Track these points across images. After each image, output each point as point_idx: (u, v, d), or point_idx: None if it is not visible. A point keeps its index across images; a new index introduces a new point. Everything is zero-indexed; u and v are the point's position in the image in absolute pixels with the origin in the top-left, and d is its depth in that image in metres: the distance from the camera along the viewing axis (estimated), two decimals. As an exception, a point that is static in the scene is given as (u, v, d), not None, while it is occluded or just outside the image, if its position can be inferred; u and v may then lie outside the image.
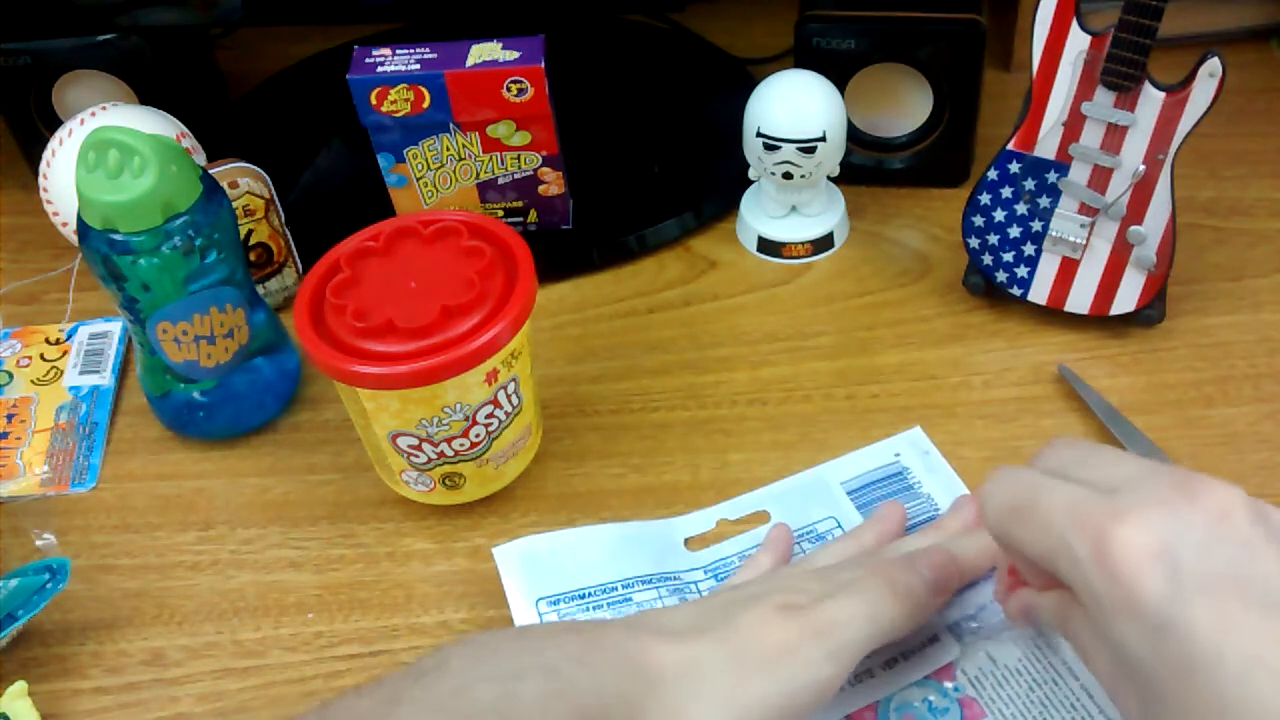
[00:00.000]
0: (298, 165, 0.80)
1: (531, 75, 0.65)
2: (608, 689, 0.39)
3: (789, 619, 0.42)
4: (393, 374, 0.51)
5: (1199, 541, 0.35)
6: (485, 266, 0.53)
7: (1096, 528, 0.36)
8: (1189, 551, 0.35)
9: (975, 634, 0.48)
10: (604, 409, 0.64)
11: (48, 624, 0.56)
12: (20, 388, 0.68)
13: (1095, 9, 0.59)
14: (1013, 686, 0.46)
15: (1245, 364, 0.62)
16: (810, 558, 0.50)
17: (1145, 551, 0.35)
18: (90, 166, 0.54)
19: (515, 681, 0.38)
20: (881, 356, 0.65)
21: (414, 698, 0.38)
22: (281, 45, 0.92)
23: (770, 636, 0.42)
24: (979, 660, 0.47)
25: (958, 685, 0.46)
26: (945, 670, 0.47)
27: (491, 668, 0.39)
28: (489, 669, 0.39)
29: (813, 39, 0.71)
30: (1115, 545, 0.35)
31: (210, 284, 0.58)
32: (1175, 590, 0.34)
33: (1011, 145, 0.62)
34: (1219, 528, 0.35)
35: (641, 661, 0.40)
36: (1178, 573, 0.34)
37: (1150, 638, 0.34)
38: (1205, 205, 0.72)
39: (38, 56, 0.75)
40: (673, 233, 0.74)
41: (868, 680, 0.47)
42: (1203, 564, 0.34)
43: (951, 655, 0.47)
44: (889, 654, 0.47)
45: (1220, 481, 0.36)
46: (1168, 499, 0.36)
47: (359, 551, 0.58)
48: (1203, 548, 0.35)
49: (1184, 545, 0.35)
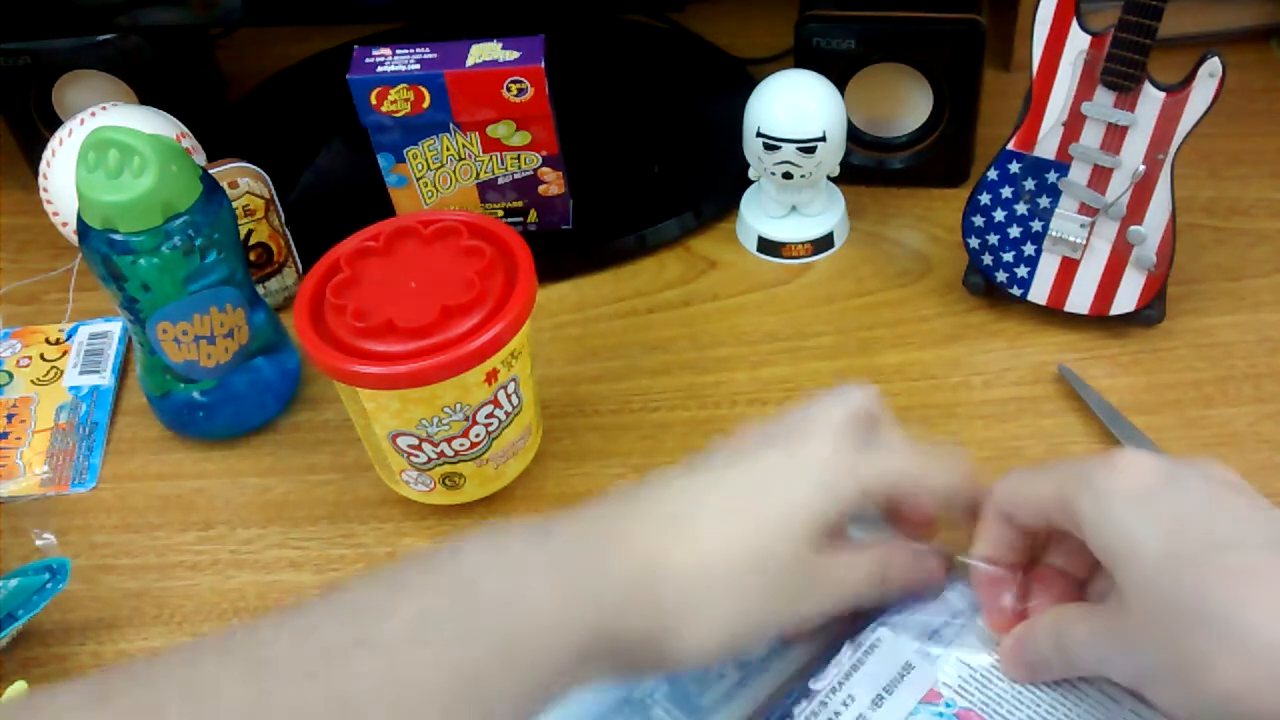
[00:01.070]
0: (298, 165, 0.80)
1: (531, 75, 0.65)
2: (616, 593, 0.40)
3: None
4: (393, 374, 0.51)
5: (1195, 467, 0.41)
6: (485, 266, 0.53)
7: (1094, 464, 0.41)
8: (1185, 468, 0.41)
9: (946, 644, 0.48)
10: (604, 409, 0.64)
11: (48, 624, 0.56)
12: (20, 388, 0.68)
13: (1095, 9, 0.59)
14: (996, 685, 0.46)
15: (1245, 364, 0.62)
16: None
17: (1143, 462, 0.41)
18: (90, 166, 0.54)
19: (523, 574, 0.39)
20: (881, 356, 0.65)
21: (420, 585, 0.38)
22: (281, 45, 0.92)
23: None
24: (956, 669, 0.47)
25: (949, 701, 0.46)
26: (931, 695, 0.47)
27: (503, 559, 0.39)
28: (500, 559, 0.39)
29: (813, 39, 0.71)
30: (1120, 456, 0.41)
31: (210, 284, 0.58)
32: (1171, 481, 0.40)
33: (1011, 145, 0.62)
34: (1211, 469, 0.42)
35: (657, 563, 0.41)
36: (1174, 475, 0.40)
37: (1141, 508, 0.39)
38: (1205, 205, 0.72)
39: (38, 56, 0.75)
40: (673, 233, 0.74)
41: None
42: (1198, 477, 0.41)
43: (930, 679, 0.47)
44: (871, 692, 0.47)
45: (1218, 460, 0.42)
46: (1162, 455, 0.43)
47: (359, 551, 0.58)
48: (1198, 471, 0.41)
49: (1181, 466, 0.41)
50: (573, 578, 0.39)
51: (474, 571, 0.39)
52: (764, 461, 0.45)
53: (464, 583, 0.38)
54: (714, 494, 0.44)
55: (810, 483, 0.44)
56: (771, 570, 0.43)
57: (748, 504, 0.43)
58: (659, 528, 0.42)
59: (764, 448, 0.46)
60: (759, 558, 0.42)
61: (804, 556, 0.43)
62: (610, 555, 0.41)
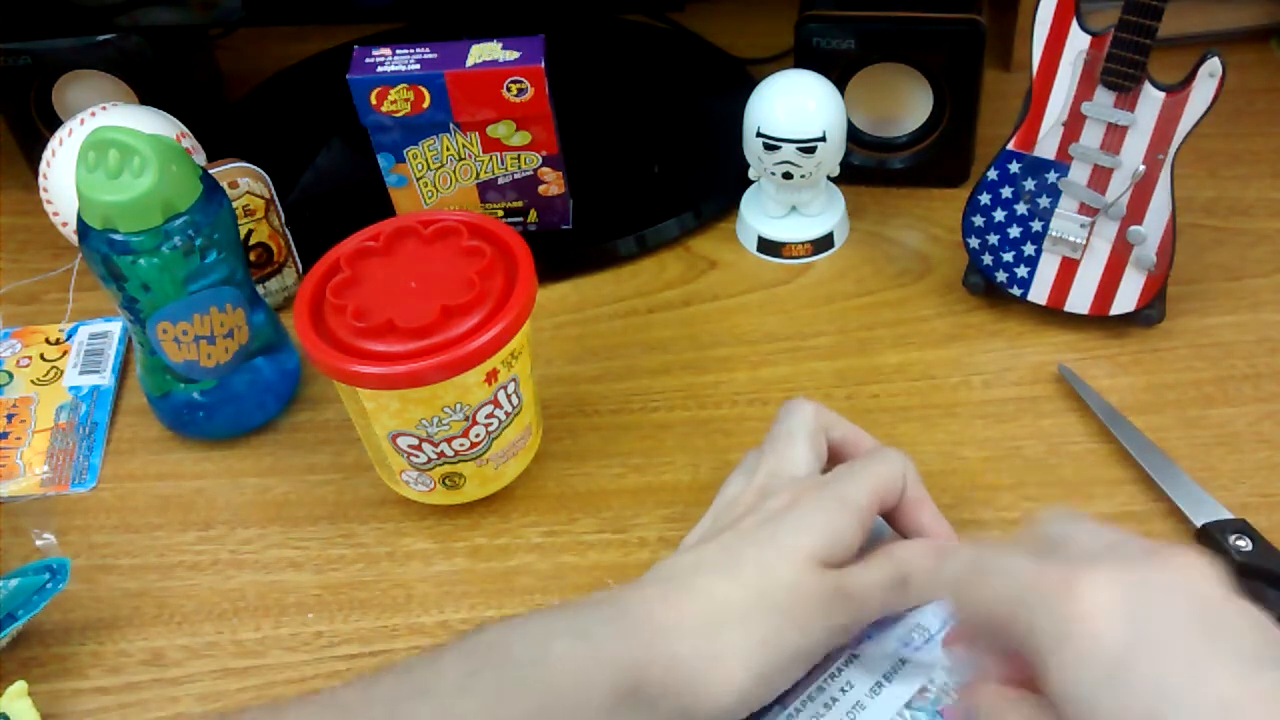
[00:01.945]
0: (298, 165, 0.80)
1: (531, 75, 0.65)
2: (634, 651, 0.42)
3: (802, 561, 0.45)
4: (393, 374, 0.51)
5: (1163, 597, 0.33)
6: (485, 266, 0.53)
7: (1054, 583, 0.34)
8: (1152, 605, 0.33)
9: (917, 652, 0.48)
10: (604, 409, 0.64)
11: (48, 624, 0.56)
12: (20, 388, 0.68)
13: (1095, 9, 0.59)
14: None
15: (1245, 364, 0.62)
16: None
17: (1104, 601, 0.33)
18: (90, 166, 0.54)
19: (549, 640, 0.42)
20: (881, 356, 0.65)
21: (457, 649, 0.42)
22: (281, 45, 0.92)
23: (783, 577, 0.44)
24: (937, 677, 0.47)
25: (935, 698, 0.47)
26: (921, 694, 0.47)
27: (525, 631, 0.43)
28: (524, 631, 0.43)
29: (813, 39, 0.71)
30: (1073, 598, 0.33)
31: (210, 284, 0.58)
32: (1137, 637, 0.32)
33: (1011, 145, 0.62)
34: (1185, 588, 0.34)
35: (667, 620, 0.43)
36: (1140, 622, 0.33)
37: (1110, 686, 0.32)
38: (1205, 205, 0.72)
39: (38, 56, 0.75)
40: (673, 233, 0.74)
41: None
42: (1167, 616, 0.33)
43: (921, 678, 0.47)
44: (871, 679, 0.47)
45: (1186, 548, 0.35)
46: (1131, 560, 0.35)
47: (359, 551, 0.58)
48: (1167, 603, 0.33)
49: (1147, 599, 0.33)
50: (591, 641, 0.42)
51: (501, 639, 0.42)
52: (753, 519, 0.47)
53: (495, 647, 0.42)
54: (711, 553, 0.46)
55: (805, 523, 0.46)
56: (780, 599, 0.44)
57: (748, 553, 0.45)
58: (663, 591, 0.45)
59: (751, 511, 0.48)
60: (764, 591, 0.44)
61: (811, 580, 0.44)
62: (624, 621, 0.43)
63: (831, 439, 0.52)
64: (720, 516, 0.50)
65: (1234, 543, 0.52)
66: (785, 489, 0.48)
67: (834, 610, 0.45)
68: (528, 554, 0.57)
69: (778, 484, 0.49)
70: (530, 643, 0.42)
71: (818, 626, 0.44)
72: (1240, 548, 0.52)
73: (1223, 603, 0.34)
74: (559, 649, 0.41)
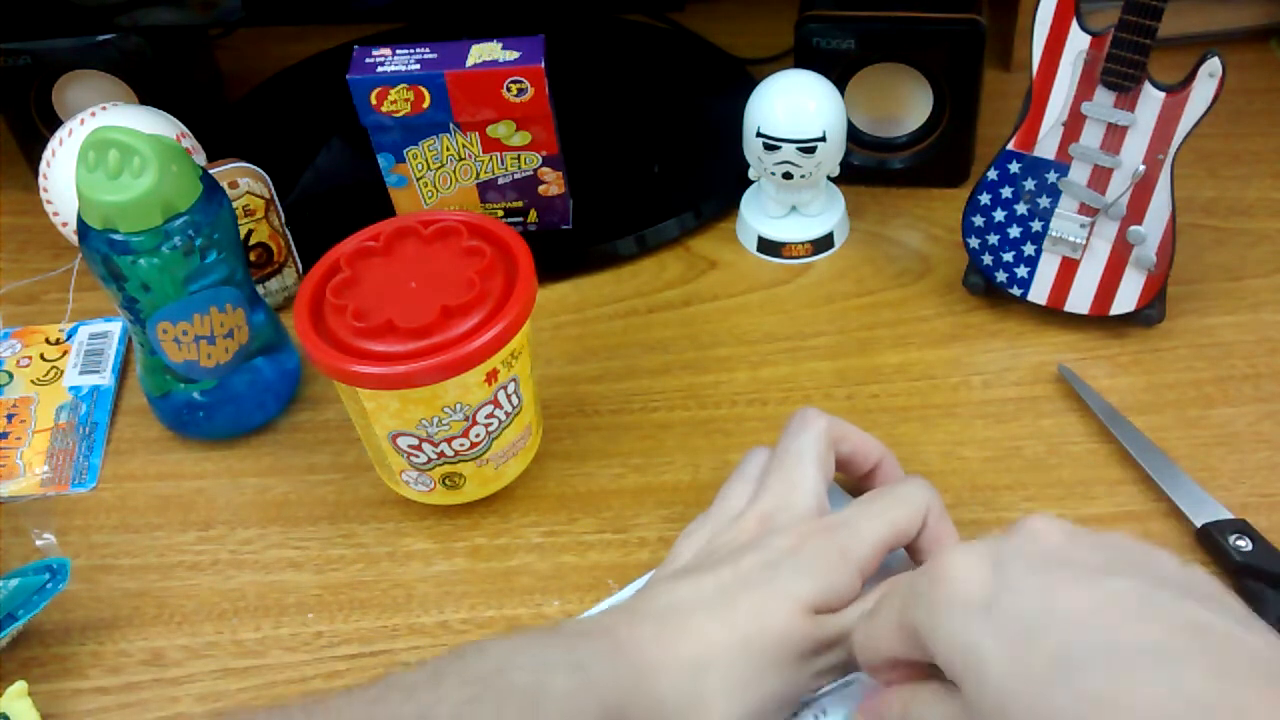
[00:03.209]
0: (298, 165, 0.80)
1: (531, 75, 0.65)
2: (626, 684, 0.42)
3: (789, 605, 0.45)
4: (393, 374, 0.51)
5: (1014, 553, 0.38)
6: (485, 266, 0.53)
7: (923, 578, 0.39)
8: (1007, 555, 0.38)
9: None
10: (604, 409, 0.64)
11: (48, 624, 0.56)
12: (20, 388, 0.68)
13: (1095, 9, 0.59)
14: None
15: (1245, 364, 0.62)
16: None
17: (966, 562, 0.38)
18: (90, 166, 0.54)
19: (547, 672, 0.42)
20: (881, 356, 0.65)
21: (457, 671, 0.41)
22: (281, 45, 0.92)
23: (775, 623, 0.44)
24: None
25: None
26: None
27: (527, 657, 0.42)
28: (524, 658, 0.42)
29: (813, 39, 0.71)
30: (939, 569, 0.38)
31: (210, 284, 0.58)
32: (999, 579, 0.37)
33: (1011, 145, 0.62)
34: (1035, 539, 0.39)
35: (655, 658, 0.43)
36: (999, 569, 0.37)
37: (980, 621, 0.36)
38: (1205, 205, 0.72)
39: (38, 56, 0.75)
40: (673, 233, 0.74)
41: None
42: (1021, 560, 0.38)
43: None
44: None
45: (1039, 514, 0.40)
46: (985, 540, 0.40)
47: (359, 551, 0.58)
48: (1017, 555, 0.38)
49: (1000, 557, 0.38)
50: (587, 676, 0.42)
51: (501, 664, 0.42)
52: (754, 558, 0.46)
53: (495, 673, 0.41)
54: (709, 592, 0.46)
55: (804, 571, 0.46)
56: (767, 645, 0.44)
57: (743, 596, 0.45)
58: (657, 629, 0.44)
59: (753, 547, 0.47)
60: (753, 636, 0.44)
61: (809, 626, 0.44)
62: (617, 657, 0.43)
63: (841, 453, 0.52)
64: (720, 535, 0.49)
65: (1234, 543, 0.52)
66: (791, 527, 0.47)
67: (819, 657, 0.45)
68: (528, 554, 0.57)
69: (784, 519, 0.48)
70: (530, 674, 0.42)
71: (803, 673, 0.45)
72: (1240, 548, 0.52)
73: (1070, 539, 0.39)
74: (558, 683, 0.41)
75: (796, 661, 0.44)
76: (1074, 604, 0.36)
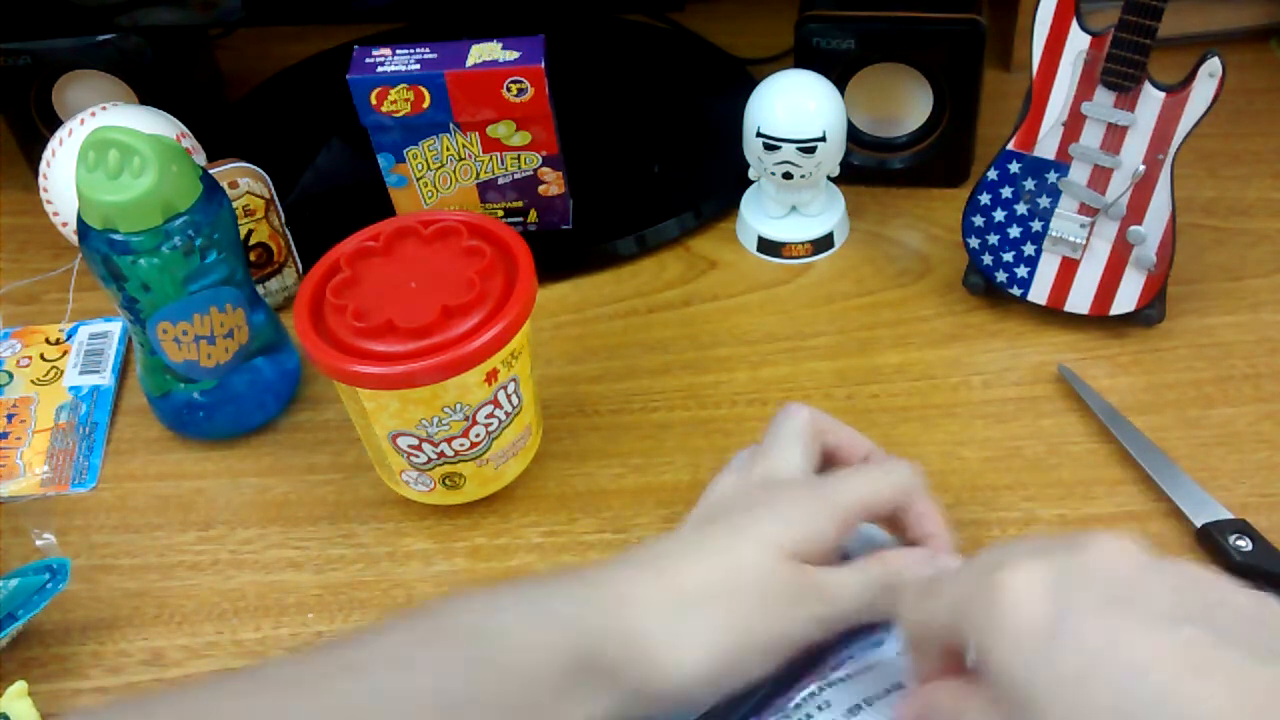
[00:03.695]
0: (298, 165, 0.80)
1: (531, 75, 0.65)
2: (592, 620, 0.42)
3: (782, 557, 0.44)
4: (393, 374, 0.51)
5: (1083, 576, 0.36)
6: (485, 266, 0.53)
7: (985, 584, 0.37)
8: (1073, 583, 0.36)
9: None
10: (604, 409, 0.64)
11: (48, 624, 0.56)
12: (20, 388, 0.68)
13: (1095, 9, 0.59)
14: None
15: (1245, 364, 0.62)
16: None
17: (1026, 588, 0.36)
18: (90, 166, 0.54)
19: (492, 610, 0.41)
20: (881, 356, 0.65)
21: (395, 626, 0.41)
22: (281, 45, 0.92)
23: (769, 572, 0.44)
24: None
25: None
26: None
27: (472, 601, 0.42)
28: (468, 601, 0.42)
29: (813, 39, 0.71)
30: (1002, 584, 0.36)
31: (210, 284, 0.58)
32: (1061, 611, 0.35)
33: (1011, 145, 0.62)
34: (1103, 565, 0.36)
35: (633, 596, 0.43)
36: (1062, 598, 0.35)
37: (1040, 658, 0.35)
38: (1205, 205, 0.72)
39: (38, 56, 0.75)
40: (673, 233, 0.74)
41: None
42: (1087, 592, 0.35)
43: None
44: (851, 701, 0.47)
45: (1110, 533, 0.37)
46: (1050, 553, 0.37)
47: (359, 551, 0.58)
48: (1087, 580, 0.36)
49: (1068, 579, 0.36)
50: (543, 607, 0.42)
51: (446, 611, 0.42)
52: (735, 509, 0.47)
53: (436, 619, 0.41)
54: (691, 539, 0.46)
55: (784, 515, 0.45)
56: (752, 585, 0.43)
57: (721, 540, 0.45)
58: (637, 569, 0.44)
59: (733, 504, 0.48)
60: (737, 576, 0.44)
61: (785, 569, 0.44)
62: (586, 590, 0.43)
63: (827, 444, 0.51)
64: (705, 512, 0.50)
65: (1234, 543, 0.52)
66: (772, 488, 0.48)
67: (805, 601, 0.44)
68: (528, 554, 0.57)
69: (767, 484, 0.48)
70: (472, 614, 0.41)
71: (786, 616, 0.44)
72: (1240, 548, 0.52)
73: (1139, 572, 0.36)
74: (504, 617, 0.41)
75: (779, 604, 0.43)
76: (1135, 652, 0.34)
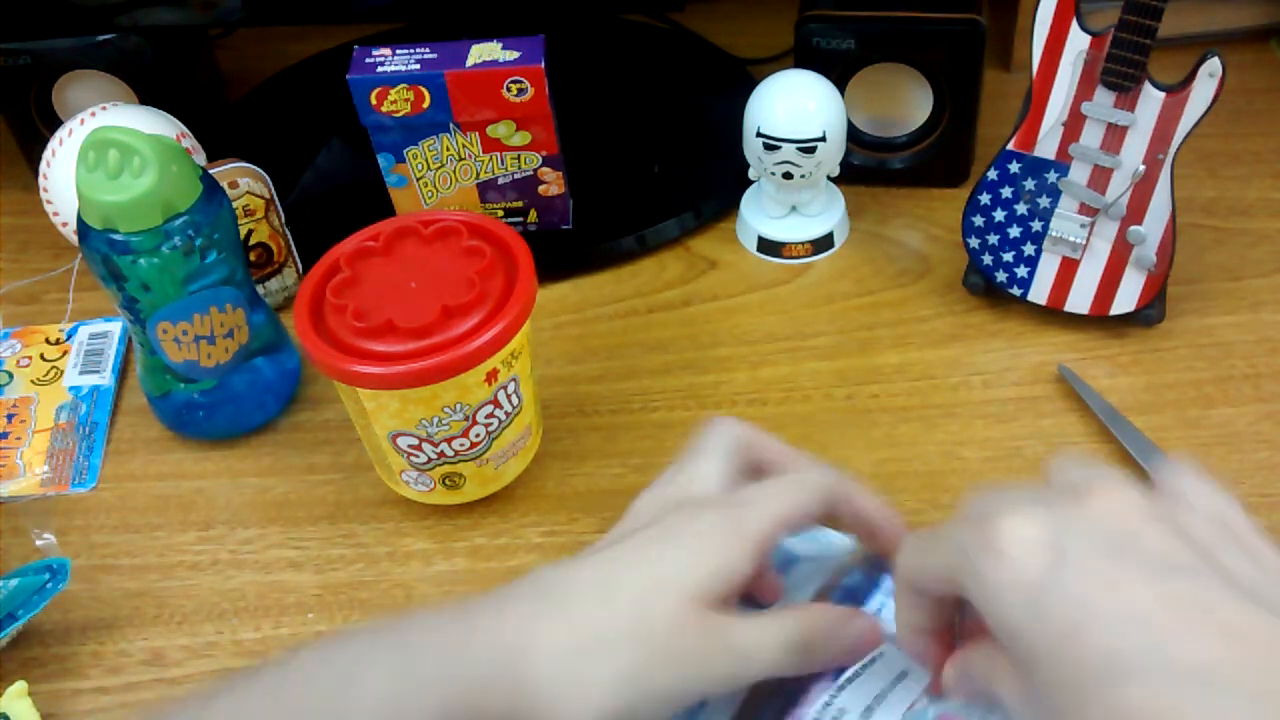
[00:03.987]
0: (298, 165, 0.80)
1: (531, 75, 0.65)
2: (472, 671, 0.39)
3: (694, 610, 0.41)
4: (393, 374, 0.51)
5: (1083, 526, 0.36)
6: (485, 266, 0.53)
7: (982, 533, 0.36)
8: (1068, 535, 0.35)
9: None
10: (604, 409, 0.64)
11: (48, 624, 0.56)
12: (20, 388, 0.68)
13: (1095, 9, 0.59)
14: None
15: (1245, 364, 0.62)
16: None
17: (1027, 534, 0.35)
18: (90, 166, 0.54)
19: (357, 665, 0.38)
20: (881, 356, 0.65)
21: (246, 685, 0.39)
22: (281, 45, 0.92)
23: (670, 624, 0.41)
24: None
25: None
26: None
27: (337, 653, 0.39)
28: (334, 653, 0.39)
29: (813, 39, 0.71)
30: (999, 534, 0.36)
31: (210, 284, 0.58)
32: (1057, 560, 0.35)
33: (1011, 145, 0.62)
34: (1104, 514, 0.36)
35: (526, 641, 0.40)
36: (1059, 549, 0.35)
37: (1034, 608, 0.35)
38: (1205, 205, 0.72)
39: (38, 56, 0.75)
40: (673, 233, 0.74)
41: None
42: (1085, 542, 0.35)
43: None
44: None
45: (1114, 480, 0.37)
46: (1054, 501, 0.37)
47: (359, 551, 0.58)
48: (1081, 532, 0.35)
49: (1067, 530, 0.35)
50: (419, 660, 0.39)
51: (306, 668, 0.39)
52: (644, 535, 0.43)
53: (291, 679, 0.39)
54: (589, 570, 0.42)
55: (693, 550, 0.42)
56: (659, 637, 0.40)
57: (626, 578, 0.42)
58: (531, 608, 0.41)
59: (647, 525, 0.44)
60: (637, 624, 0.40)
61: (694, 620, 0.40)
62: (472, 638, 0.40)
63: (755, 459, 0.48)
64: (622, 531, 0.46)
65: (1234, 543, 0.52)
66: (687, 506, 0.44)
67: (715, 662, 0.41)
68: (528, 554, 0.57)
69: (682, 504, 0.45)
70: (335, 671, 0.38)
71: (693, 675, 0.40)
72: (1240, 548, 0.52)
73: (1140, 523, 0.36)
74: (369, 676, 0.38)
75: (686, 659, 0.40)
76: (1131, 603, 0.33)
